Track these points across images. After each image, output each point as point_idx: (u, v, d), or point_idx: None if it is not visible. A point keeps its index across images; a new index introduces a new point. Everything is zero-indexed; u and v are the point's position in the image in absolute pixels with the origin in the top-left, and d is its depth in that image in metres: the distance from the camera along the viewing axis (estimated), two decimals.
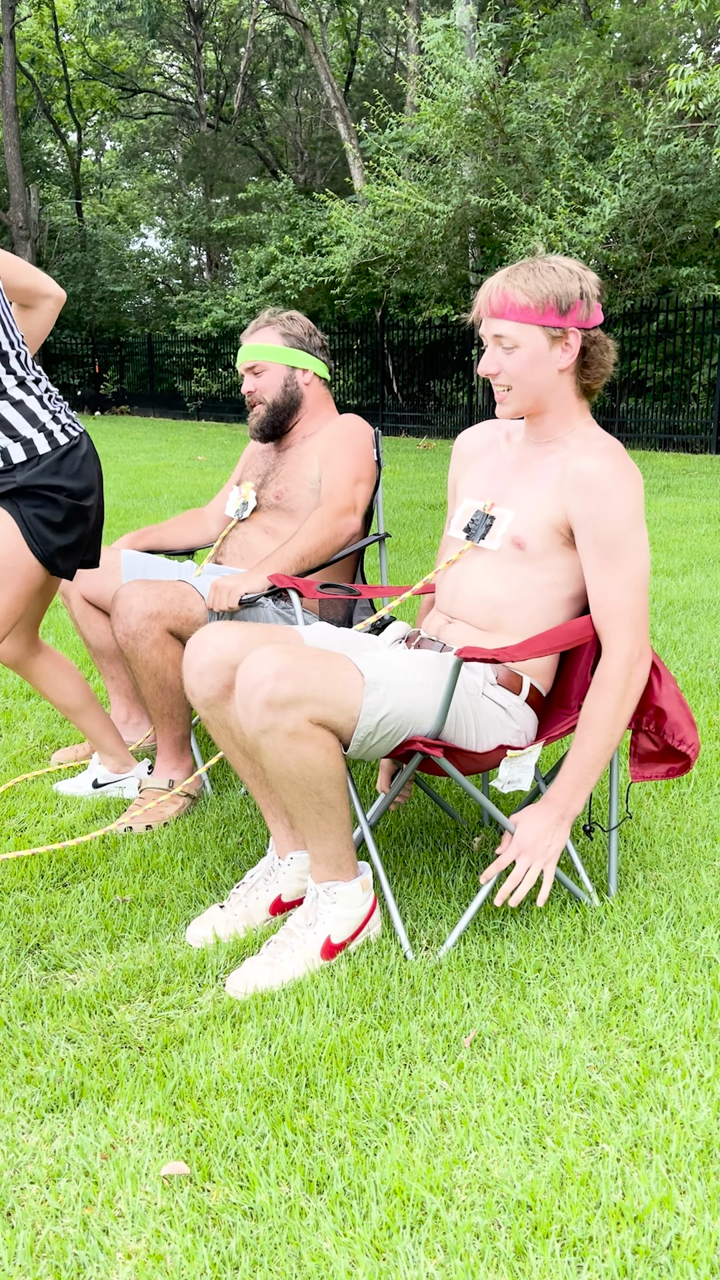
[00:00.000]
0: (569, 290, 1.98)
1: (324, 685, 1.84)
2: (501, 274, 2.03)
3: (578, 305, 1.99)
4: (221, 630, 2.07)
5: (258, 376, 2.83)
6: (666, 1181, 1.44)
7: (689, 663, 3.88)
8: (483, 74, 12.86)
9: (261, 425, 2.85)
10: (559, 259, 2.02)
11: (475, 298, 2.08)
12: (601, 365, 2.07)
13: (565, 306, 1.98)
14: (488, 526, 2.11)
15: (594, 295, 2.02)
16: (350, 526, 2.69)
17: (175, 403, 22.33)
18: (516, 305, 1.99)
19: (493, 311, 2.01)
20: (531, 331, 2.00)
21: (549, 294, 1.97)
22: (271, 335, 2.83)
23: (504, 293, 1.99)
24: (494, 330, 2.02)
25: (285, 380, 2.82)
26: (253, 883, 2.14)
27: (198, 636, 2.09)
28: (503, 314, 2.00)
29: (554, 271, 1.99)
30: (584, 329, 2.02)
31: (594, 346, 2.05)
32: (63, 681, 2.55)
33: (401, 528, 7.10)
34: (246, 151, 27.45)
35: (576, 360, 2.05)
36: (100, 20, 22.65)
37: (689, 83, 10.16)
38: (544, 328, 1.99)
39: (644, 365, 13.75)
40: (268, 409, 2.83)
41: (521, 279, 1.99)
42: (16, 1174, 1.47)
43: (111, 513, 7.68)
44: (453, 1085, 1.64)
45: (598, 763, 2.01)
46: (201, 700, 2.07)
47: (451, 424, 16.42)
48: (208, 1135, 1.53)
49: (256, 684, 1.84)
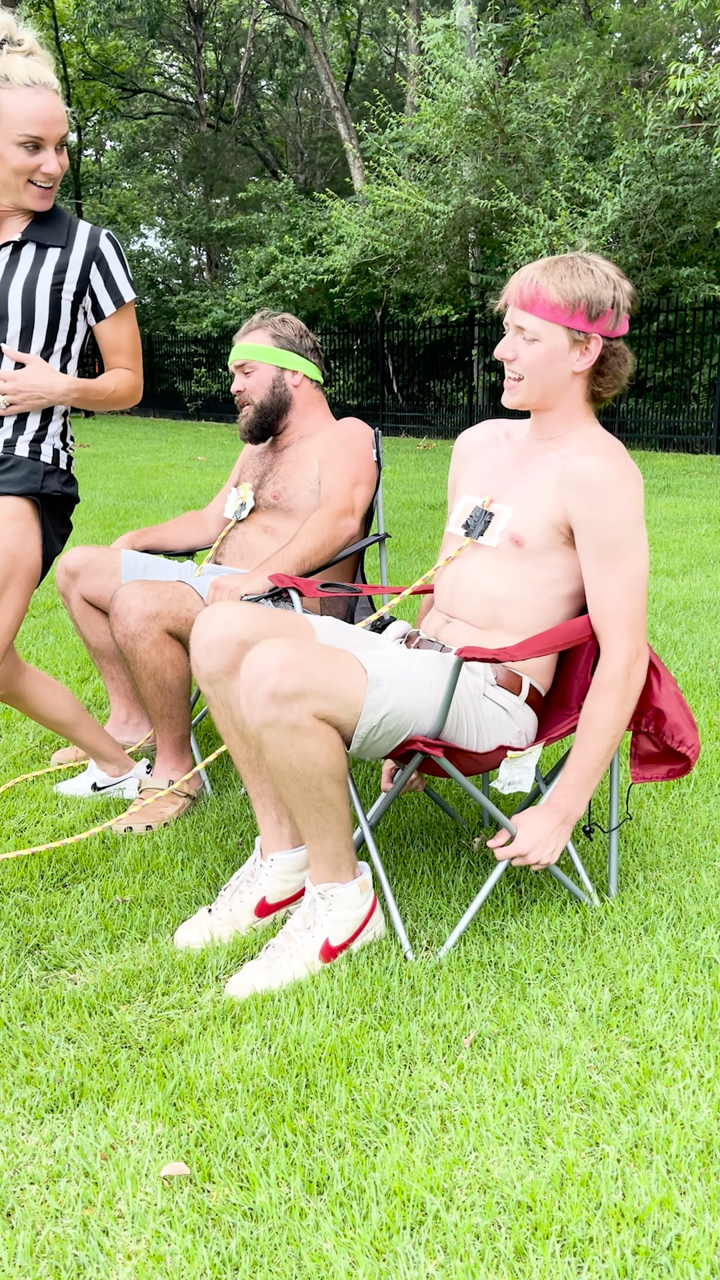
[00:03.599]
0: (602, 297, 1.96)
1: (329, 680, 1.84)
2: (539, 266, 1.99)
3: (608, 314, 1.97)
4: (231, 607, 2.07)
5: (247, 376, 2.85)
6: (666, 1182, 1.44)
7: (689, 663, 3.88)
8: (483, 74, 12.86)
9: (250, 426, 2.86)
10: (600, 261, 2.00)
11: (507, 284, 2.06)
12: (616, 376, 2.05)
13: (595, 313, 1.96)
14: (486, 523, 2.11)
15: (625, 306, 2.00)
16: (349, 529, 2.70)
17: (175, 403, 22.34)
18: (548, 302, 1.96)
19: (522, 303, 1.99)
20: (555, 329, 1.98)
21: (582, 297, 1.95)
22: (262, 336, 2.84)
23: (538, 286, 1.97)
24: (518, 321, 2.00)
25: (274, 381, 2.83)
26: (237, 885, 2.14)
27: (207, 612, 2.09)
28: (532, 307, 1.98)
29: (592, 275, 1.97)
30: (607, 338, 2.01)
31: (613, 357, 2.03)
32: (54, 697, 2.54)
33: (401, 528, 7.10)
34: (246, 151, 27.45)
35: (592, 367, 2.04)
36: (100, 20, 22.64)
37: (689, 81, 10.17)
38: (568, 329, 1.98)
39: (644, 365, 13.75)
40: (255, 409, 2.84)
41: (558, 276, 1.96)
42: (16, 1174, 1.47)
43: (111, 513, 7.68)
44: (453, 1086, 1.64)
45: (599, 764, 2.01)
46: (206, 675, 2.06)
47: (451, 424, 16.42)
48: (208, 1136, 1.53)
49: (262, 676, 1.84)
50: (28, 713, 2.52)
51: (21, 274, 2.26)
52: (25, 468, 2.29)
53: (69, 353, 2.35)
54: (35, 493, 2.29)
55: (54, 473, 2.33)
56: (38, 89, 2.15)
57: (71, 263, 2.29)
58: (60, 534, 2.40)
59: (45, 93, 2.16)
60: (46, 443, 2.32)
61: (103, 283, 2.33)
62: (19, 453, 2.29)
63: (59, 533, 2.40)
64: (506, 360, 2.04)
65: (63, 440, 2.37)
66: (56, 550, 2.39)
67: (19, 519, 2.26)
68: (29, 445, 2.30)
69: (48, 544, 2.35)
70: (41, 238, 2.28)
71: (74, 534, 6.79)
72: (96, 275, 2.32)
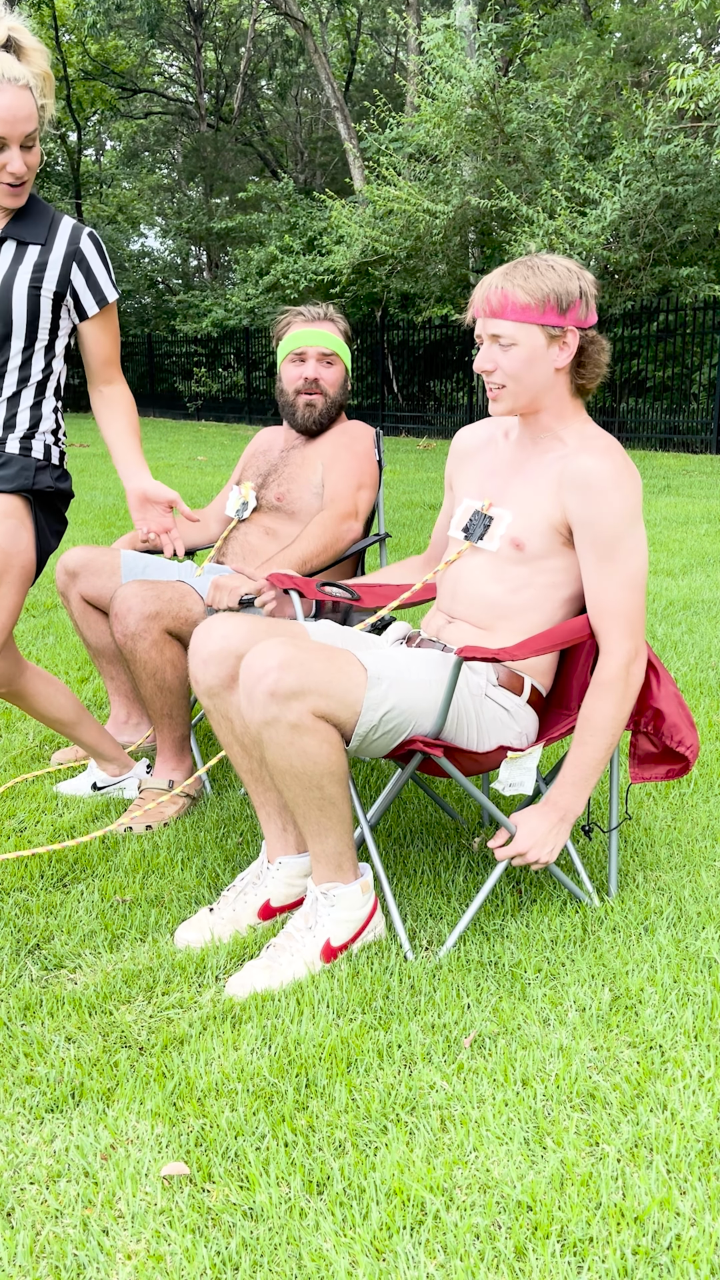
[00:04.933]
0: (569, 289, 1.97)
1: (328, 678, 1.84)
2: (499, 273, 2.00)
3: (577, 304, 1.98)
4: (229, 620, 2.07)
5: (330, 367, 2.82)
6: (667, 1182, 1.44)
7: (689, 663, 3.88)
8: (483, 74, 12.86)
9: (320, 418, 2.82)
10: (555, 257, 2.01)
11: (472, 296, 2.05)
12: (597, 365, 2.06)
13: (565, 305, 1.97)
14: (486, 527, 2.11)
15: (591, 294, 2.01)
16: (351, 532, 2.71)
17: (175, 403, 22.34)
18: (517, 304, 1.96)
19: (491, 310, 1.99)
20: (530, 330, 1.98)
21: (549, 292, 1.96)
22: (337, 330, 2.83)
23: (503, 291, 1.97)
24: (491, 329, 2.00)
25: (345, 379, 2.84)
26: (242, 886, 2.14)
27: (204, 625, 2.09)
28: (502, 313, 1.97)
29: (553, 270, 1.97)
30: (582, 328, 2.01)
31: (591, 346, 2.04)
32: (55, 695, 2.54)
33: (401, 528, 7.10)
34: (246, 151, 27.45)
35: (572, 360, 2.04)
36: (99, 20, 22.64)
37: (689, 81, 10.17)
38: (543, 327, 1.98)
39: (644, 365, 13.75)
40: (330, 402, 2.82)
41: (521, 277, 1.97)
42: (16, 1174, 1.47)
43: (111, 513, 7.68)
44: (453, 1086, 1.64)
45: (598, 763, 2.01)
46: (205, 689, 2.06)
47: (451, 424, 16.42)
48: (208, 1136, 1.53)
49: (260, 675, 1.84)
50: (28, 710, 2.52)
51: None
52: (16, 464, 2.28)
53: (53, 350, 2.32)
54: (27, 489, 2.28)
55: (46, 468, 2.32)
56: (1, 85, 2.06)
57: (51, 261, 2.25)
58: (55, 530, 2.39)
59: (8, 90, 2.07)
60: (38, 439, 2.31)
61: (84, 282, 2.29)
62: (10, 449, 2.28)
63: (53, 529, 2.39)
64: (486, 373, 2.03)
65: (54, 436, 2.36)
66: (52, 547, 2.38)
67: (11, 516, 2.25)
68: (20, 442, 2.29)
69: (42, 541, 2.34)
70: (21, 234, 2.24)
71: (74, 534, 6.78)
72: (78, 274, 2.28)
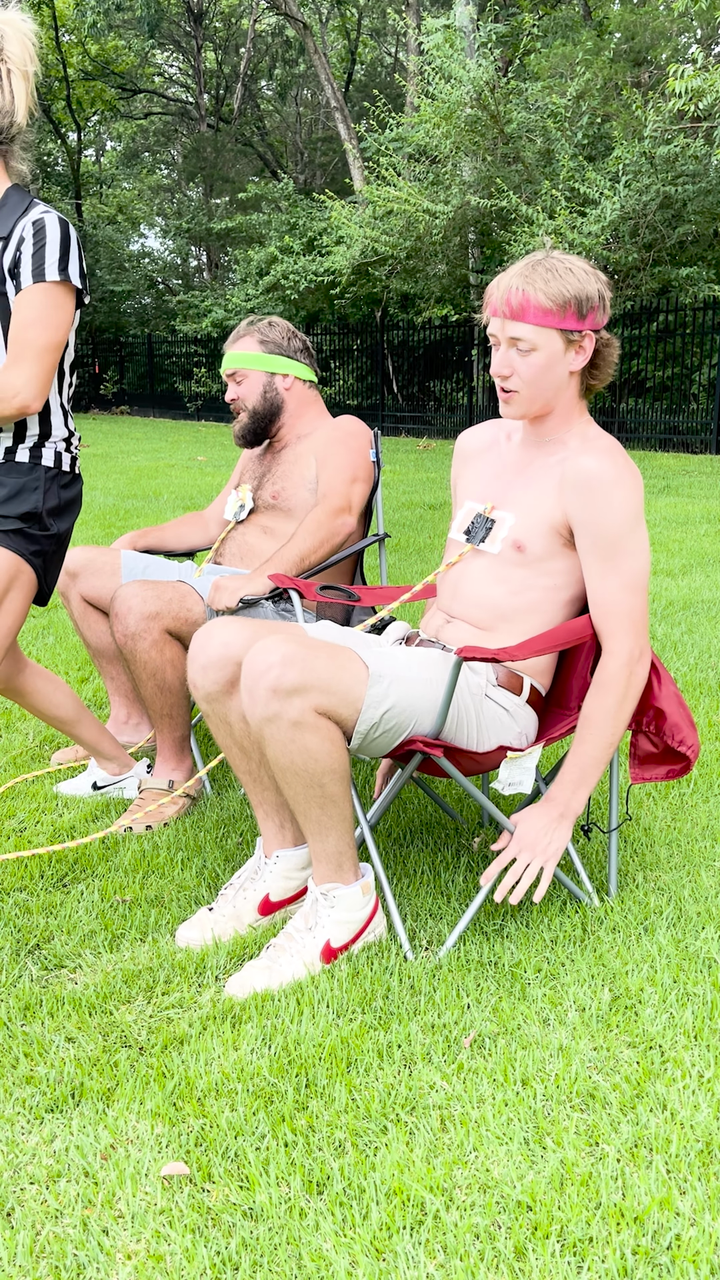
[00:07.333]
0: (589, 293, 1.95)
1: (330, 675, 1.84)
2: (517, 273, 1.96)
3: (596, 308, 1.97)
4: (228, 625, 2.06)
5: (239, 384, 2.87)
6: (666, 1182, 1.44)
7: (689, 663, 3.88)
8: (482, 74, 12.86)
9: (243, 432, 2.89)
10: (570, 257, 1.98)
11: (487, 295, 2.02)
12: (609, 365, 2.05)
13: (585, 310, 1.95)
14: (488, 529, 2.11)
15: (607, 296, 2.00)
16: (346, 526, 2.69)
17: (175, 403, 22.33)
18: (539, 307, 1.93)
19: (511, 313, 1.95)
20: (550, 335, 1.96)
21: (571, 297, 1.93)
22: (249, 343, 2.87)
23: (525, 294, 1.93)
24: (510, 333, 1.97)
25: (264, 387, 2.85)
26: (240, 883, 2.14)
27: (204, 630, 2.09)
28: (522, 316, 1.94)
29: (572, 273, 1.95)
30: (596, 330, 2.00)
31: (606, 349, 2.03)
32: (55, 694, 2.53)
33: (401, 528, 7.10)
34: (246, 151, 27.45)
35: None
36: (99, 20, 22.64)
37: (689, 83, 10.17)
38: (562, 331, 1.96)
39: (644, 365, 13.75)
40: (249, 415, 2.87)
41: (542, 280, 1.93)
42: (16, 1174, 1.47)
43: (111, 513, 7.68)
44: (453, 1086, 1.64)
45: (598, 762, 2.01)
46: (204, 694, 2.06)
47: (451, 424, 16.42)
48: (208, 1136, 1.53)
49: (262, 671, 1.84)
50: (29, 708, 2.52)
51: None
52: (20, 481, 2.24)
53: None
54: (19, 529, 2.23)
55: (55, 478, 2.29)
56: None
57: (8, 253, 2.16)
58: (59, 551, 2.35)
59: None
60: (48, 448, 2.28)
61: (30, 254, 2.13)
62: (19, 459, 2.25)
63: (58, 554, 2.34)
64: (503, 377, 2.01)
65: (66, 444, 2.33)
66: (56, 575, 2.34)
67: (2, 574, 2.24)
68: (29, 451, 2.27)
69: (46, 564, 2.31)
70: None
71: (74, 534, 6.79)
72: (27, 248, 2.14)
